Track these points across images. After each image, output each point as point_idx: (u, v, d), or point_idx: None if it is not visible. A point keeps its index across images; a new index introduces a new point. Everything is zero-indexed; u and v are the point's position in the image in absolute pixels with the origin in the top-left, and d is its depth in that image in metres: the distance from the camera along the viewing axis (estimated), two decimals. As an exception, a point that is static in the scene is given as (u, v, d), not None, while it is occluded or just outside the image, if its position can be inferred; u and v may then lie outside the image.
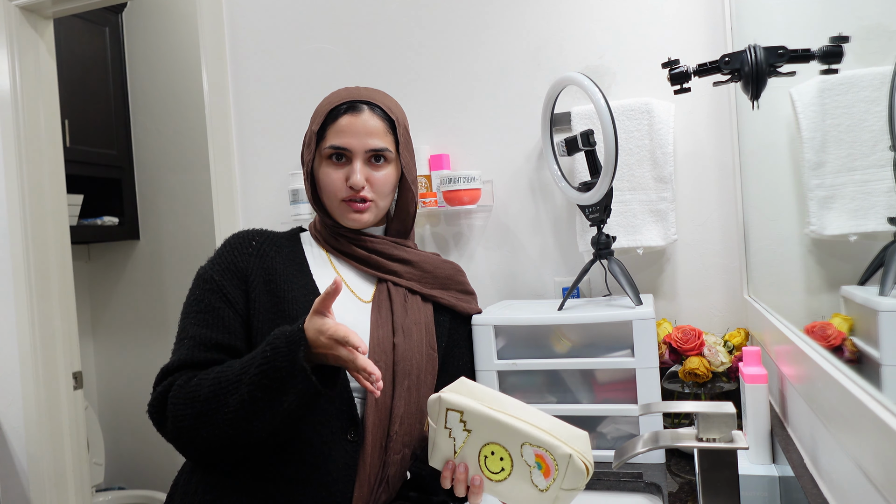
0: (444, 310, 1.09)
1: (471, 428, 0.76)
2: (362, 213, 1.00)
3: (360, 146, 0.98)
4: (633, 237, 1.29)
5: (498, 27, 1.45)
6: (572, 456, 0.71)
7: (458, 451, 0.77)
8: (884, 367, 0.56)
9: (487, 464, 0.76)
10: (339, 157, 0.99)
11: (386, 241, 1.04)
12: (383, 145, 0.99)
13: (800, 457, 0.80)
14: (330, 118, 0.99)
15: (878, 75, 0.58)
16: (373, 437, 0.91)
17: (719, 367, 1.14)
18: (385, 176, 1.01)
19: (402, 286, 1.03)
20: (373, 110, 1.00)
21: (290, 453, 0.88)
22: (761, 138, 1.06)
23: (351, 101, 0.99)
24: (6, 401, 1.94)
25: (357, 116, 0.98)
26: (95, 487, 2.41)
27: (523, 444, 0.73)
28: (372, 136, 0.98)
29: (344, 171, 0.99)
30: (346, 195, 0.99)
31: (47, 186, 1.97)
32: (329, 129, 0.99)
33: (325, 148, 0.99)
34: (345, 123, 0.98)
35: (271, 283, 0.95)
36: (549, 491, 0.73)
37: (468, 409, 0.75)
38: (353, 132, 0.98)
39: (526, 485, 0.74)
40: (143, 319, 2.70)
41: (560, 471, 0.72)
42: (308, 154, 1.01)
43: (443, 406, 0.77)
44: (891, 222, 0.57)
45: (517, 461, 0.74)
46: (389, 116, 1.01)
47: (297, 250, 1.03)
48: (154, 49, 2.69)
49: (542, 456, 0.73)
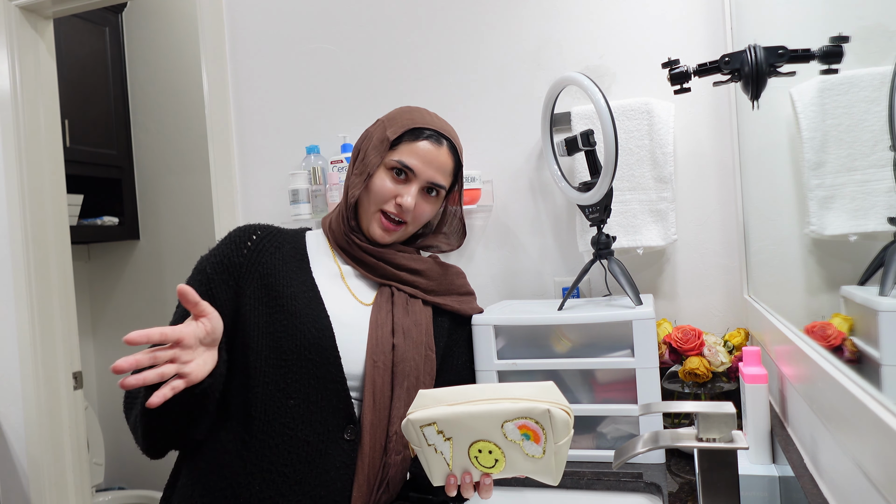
0: (445, 312, 1.09)
1: (450, 435, 0.75)
2: (391, 232, 1.02)
3: (426, 176, 1.01)
4: (633, 237, 1.29)
5: (498, 27, 1.45)
6: (550, 409, 0.72)
7: (450, 462, 0.77)
8: (884, 367, 0.56)
9: (481, 461, 0.76)
10: (400, 174, 1.00)
11: (396, 251, 1.05)
12: (443, 182, 1.03)
13: (800, 457, 0.80)
14: (410, 135, 1.01)
15: (878, 75, 0.58)
16: (371, 437, 0.91)
17: (719, 367, 1.14)
18: (429, 209, 1.04)
19: (405, 292, 1.04)
20: (450, 148, 1.03)
21: (287, 451, 0.88)
22: (761, 138, 1.06)
23: (435, 131, 1.02)
24: (6, 401, 1.94)
25: (437, 148, 1.01)
26: (95, 487, 2.42)
27: (503, 423, 0.73)
28: (440, 171, 1.02)
29: (399, 188, 1.00)
30: (389, 207, 1.00)
31: (47, 186, 1.97)
32: (404, 145, 1.00)
33: (392, 159, 1.00)
34: (423, 149, 1.00)
35: (268, 277, 0.95)
36: (546, 453, 0.73)
37: (439, 418, 0.74)
38: (428, 161, 1.00)
39: (523, 461, 0.75)
40: (143, 319, 2.70)
41: (547, 429, 0.73)
42: (375, 156, 1.01)
43: (416, 426, 0.75)
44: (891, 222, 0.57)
45: (505, 446, 0.74)
46: (459, 160, 1.06)
47: (299, 247, 1.03)
48: (154, 49, 2.69)
49: (525, 425, 0.73)
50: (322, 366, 0.91)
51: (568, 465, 1.11)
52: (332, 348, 0.92)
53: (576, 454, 1.13)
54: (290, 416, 0.89)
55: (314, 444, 0.89)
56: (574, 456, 1.13)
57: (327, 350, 0.92)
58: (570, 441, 0.74)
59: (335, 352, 0.92)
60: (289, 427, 0.89)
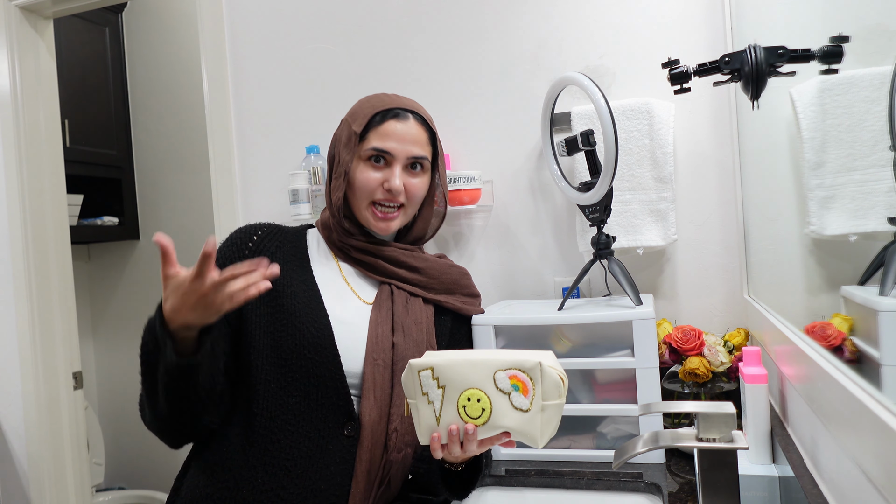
0: (447, 311, 1.09)
1: (444, 383, 0.78)
2: (391, 220, 1.02)
3: (403, 152, 1.00)
4: (633, 237, 1.29)
5: (498, 27, 1.45)
6: (541, 363, 0.74)
7: (439, 415, 0.79)
8: (884, 367, 0.56)
9: (468, 412, 0.77)
10: (378, 160, 1.00)
11: (395, 248, 1.05)
12: (423, 154, 1.02)
13: (800, 457, 0.80)
14: (374, 122, 1.00)
15: (878, 75, 0.58)
16: (371, 434, 0.92)
17: (719, 367, 1.14)
18: (420, 184, 1.03)
19: (405, 290, 1.04)
20: (417, 119, 1.02)
21: (288, 446, 0.90)
22: (761, 138, 1.06)
23: (396, 108, 1.01)
24: (6, 401, 1.94)
25: (403, 123, 1.00)
26: (95, 487, 2.41)
27: (495, 372, 0.76)
28: (415, 144, 1.01)
29: (382, 174, 1.00)
30: (380, 197, 1.00)
31: (47, 186, 1.97)
32: (372, 132, 1.00)
33: (365, 149, 1.00)
34: (390, 128, 1.00)
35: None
36: (533, 408, 0.75)
37: (436, 364, 0.78)
38: (398, 137, 1.00)
39: (510, 413, 0.76)
40: (143, 319, 2.65)
41: (536, 383, 0.74)
42: (347, 154, 1.01)
43: (414, 371, 0.79)
44: (891, 222, 0.57)
45: (494, 395, 0.76)
46: (431, 128, 1.05)
47: (301, 246, 1.04)
48: (154, 49, 2.69)
49: (515, 376, 0.75)
50: (321, 364, 0.92)
51: (568, 465, 1.11)
52: (331, 347, 0.93)
53: (576, 454, 1.13)
54: (291, 413, 0.91)
55: (315, 439, 0.91)
56: (574, 456, 1.13)
57: (326, 349, 0.92)
58: (561, 410, 0.76)
59: (334, 350, 0.93)
60: (290, 423, 0.90)
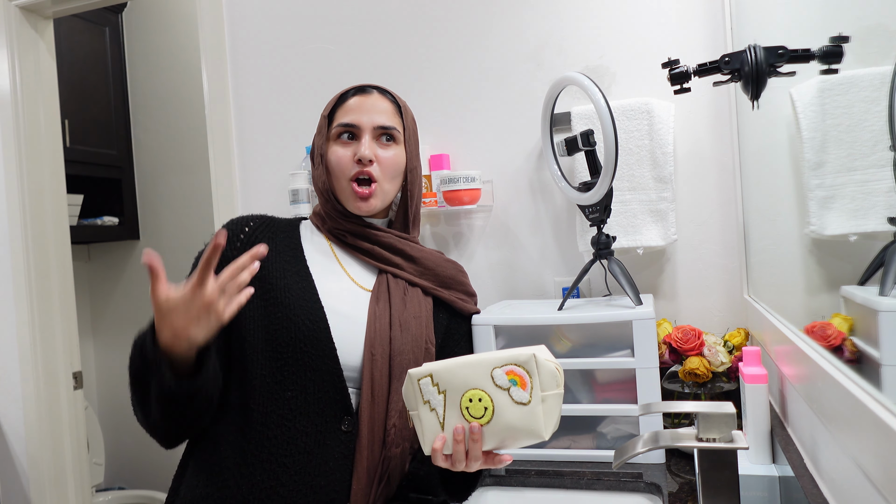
0: (444, 307, 1.09)
1: (445, 388, 0.78)
2: (368, 198, 1.00)
3: (369, 122, 1.00)
4: (633, 237, 1.29)
5: (498, 27, 1.45)
6: (535, 354, 0.75)
7: (443, 420, 0.79)
8: (884, 367, 0.56)
9: (472, 412, 0.78)
10: (349, 137, 1.01)
11: (391, 235, 1.05)
12: (391, 124, 1.02)
13: (800, 457, 0.80)
14: (339, 101, 1.03)
15: (878, 75, 0.58)
16: (369, 429, 0.91)
17: (719, 367, 1.14)
18: (393, 156, 1.02)
19: (402, 278, 1.04)
20: (381, 93, 1.04)
21: (286, 442, 0.89)
22: (761, 138, 1.06)
23: (360, 85, 1.03)
24: (6, 401, 1.94)
25: (366, 97, 1.02)
26: (95, 487, 2.41)
27: (492, 370, 0.77)
28: (381, 113, 1.01)
29: (352, 149, 1.00)
30: (354, 171, 0.99)
31: (47, 186, 1.97)
32: (338, 111, 1.02)
33: (333, 129, 1.01)
34: (354, 102, 1.01)
35: (261, 270, 0.95)
36: (533, 400, 0.75)
37: (435, 370, 0.79)
38: (363, 110, 1.01)
39: (512, 408, 0.76)
40: (143, 319, 2.67)
41: (532, 375, 0.75)
42: (319, 139, 1.03)
43: (413, 380, 0.80)
44: (891, 222, 0.57)
45: (494, 393, 0.77)
46: (397, 101, 1.05)
47: (294, 237, 1.03)
48: (154, 49, 2.69)
49: (512, 370, 0.76)
50: (318, 357, 0.91)
51: (568, 465, 1.11)
52: (327, 340, 0.92)
53: (576, 454, 1.13)
54: (287, 408, 0.90)
55: (312, 434, 0.90)
56: (574, 456, 1.13)
57: (322, 342, 0.91)
58: (561, 400, 0.77)
59: (330, 343, 0.92)
60: (286, 419, 0.89)
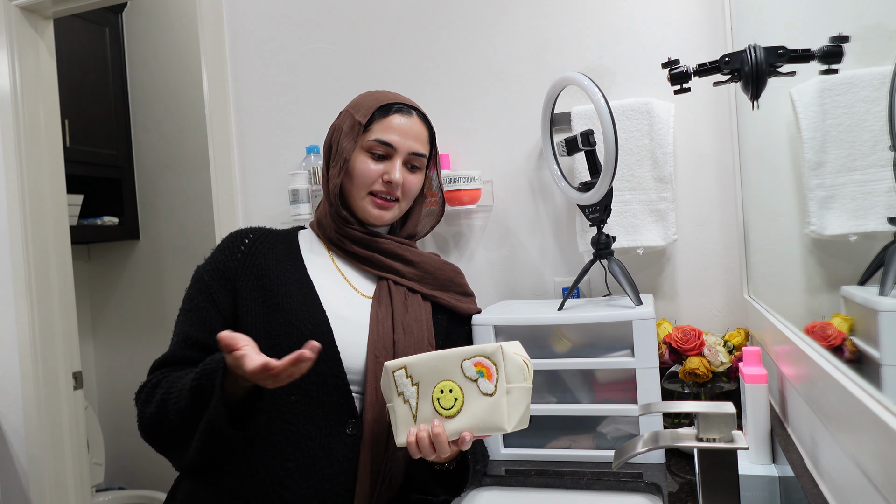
0: (443, 310, 1.09)
1: (418, 379, 0.82)
2: (387, 210, 1.03)
3: (406, 147, 1.02)
4: (633, 237, 1.29)
5: (498, 27, 1.45)
6: (502, 346, 0.78)
7: (416, 412, 0.82)
8: (884, 367, 0.56)
9: (442, 404, 0.81)
10: (379, 152, 1.01)
11: (391, 241, 1.05)
12: (423, 151, 1.05)
13: (800, 457, 0.80)
14: (379, 114, 1.02)
15: (878, 75, 0.58)
16: (372, 432, 0.92)
17: (719, 367, 1.14)
18: (416, 181, 1.05)
19: (402, 285, 1.04)
20: (420, 117, 1.05)
21: (290, 446, 0.89)
22: (761, 138, 1.06)
23: (401, 103, 1.04)
24: (6, 401, 1.93)
25: (407, 118, 1.03)
26: (95, 487, 2.41)
27: (462, 362, 0.80)
28: (417, 140, 1.03)
29: (383, 167, 1.01)
30: (378, 189, 1.01)
31: (47, 186, 1.97)
32: (376, 124, 1.02)
33: (368, 140, 1.01)
34: (395, 122, 1.02)
35: (263, 278, 0.96)
36: (498, 391, 0.78)
37: (409, 363, 0.82)
38: (403, 132, 1.02)
39: (479, 399, 0.79)
40: (142, 319, 2.70)
41: (499, 367, 0.78)
42: (349, 143, 1.01)
43: (389, 372, 0.83)
44: (891, 222, 0.57)
45: (464, 384, 0.80)
46: (431, 128, 1.07)
47: (293, 246, 1.04)
48: (154, 49, 2.69)
49: (480, 362, 0.79)
50: (321, 362, 0.91)
51: (568, 465, 1.11)
52: (329, 344, 0.92)
53: (576, 454, 1.13)
54: (291, 413, 0.90)
55: (316, 438, 0.90)
56: (574, 456, 1.13)
57: (325, 346, 0.91)
58: (529, 394, 0.80)
59: (333, 347, 0.93)
60: (291, 423, 0.90)
